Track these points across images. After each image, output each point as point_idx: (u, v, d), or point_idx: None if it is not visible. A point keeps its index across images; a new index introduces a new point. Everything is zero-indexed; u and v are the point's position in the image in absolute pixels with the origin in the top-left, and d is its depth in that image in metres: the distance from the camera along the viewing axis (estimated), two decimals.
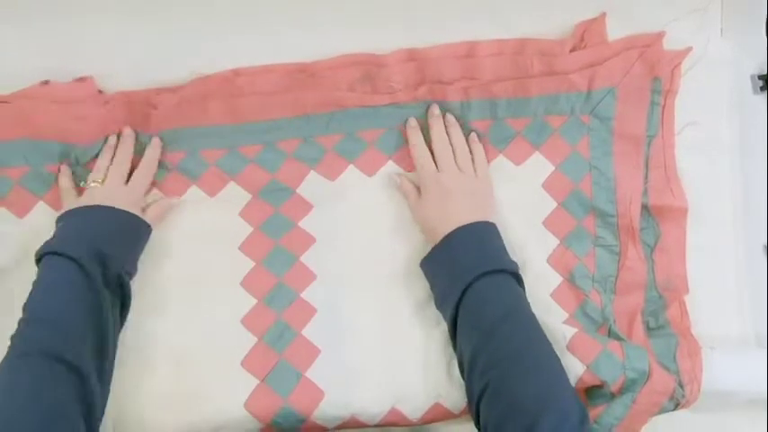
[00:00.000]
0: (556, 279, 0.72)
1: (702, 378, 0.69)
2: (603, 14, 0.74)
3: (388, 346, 0.70)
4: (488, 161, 0.74)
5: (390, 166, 0.74)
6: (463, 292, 0.62)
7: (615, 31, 0.75)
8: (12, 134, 0.72)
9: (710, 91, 0.75)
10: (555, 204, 0.73)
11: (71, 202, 0.69)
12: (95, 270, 0.61)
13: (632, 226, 0.72)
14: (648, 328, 0.72)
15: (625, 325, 0.71)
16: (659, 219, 0.74)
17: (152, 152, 0.72)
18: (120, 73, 0.74)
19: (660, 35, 0.73)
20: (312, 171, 0.74)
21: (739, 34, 0.75)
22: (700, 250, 0.74)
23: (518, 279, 0.65)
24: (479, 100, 0.73)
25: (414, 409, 0.69)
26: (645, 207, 0.74)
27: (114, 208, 0.66)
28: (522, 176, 0.74)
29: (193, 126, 0.73)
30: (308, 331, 0.70)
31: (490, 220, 0.67)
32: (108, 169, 0.71)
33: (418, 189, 0.71)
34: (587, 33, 0.75)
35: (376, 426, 0.70)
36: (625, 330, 0.71)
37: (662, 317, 0.72)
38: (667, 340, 0.70)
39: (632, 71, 0.73)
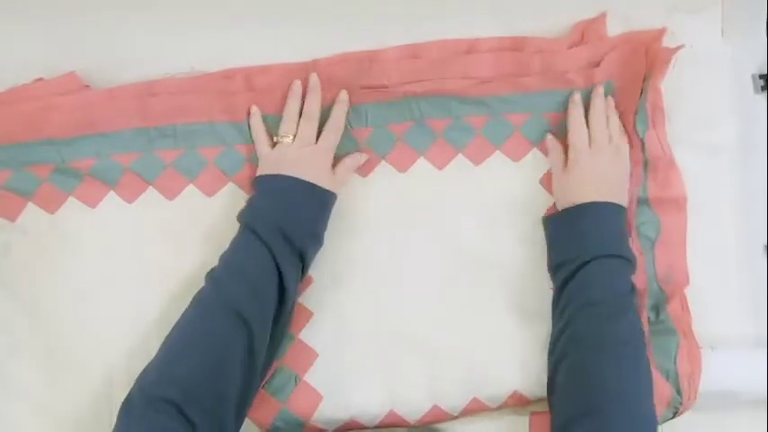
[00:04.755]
0: None
1: (700, 382, 0.69)
2: (604, 14, 0.74)
3: (387, 347, 0.70)
4: (484, 158, 0.73)
5: (384, 167, 0.73)
6: (581, 266, 0.65)
7: (615, 31, 0.74)
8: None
9: (711, 90, 0.75)
10: (552, 201, 0.73)
11: (265, 155, 0.69)
12: (282, 250, 0.64)
13: (629, 220, 0.72)
14: (649, 323, 0.71)
15: None
16: (659, 211, 0.74)
17: (339, 109, 0.71)
18: (118, 69, 0.72)
19: (661, 32, 0.73)
20: None
21: (740, 34, 0.75)
22: (700, 250, 0.74)
23: (633, 267, 0.67)
24: (477, 96, 0.73)
25: (412, 410, 0.69)
26: (646, 201, 0.73)
27: (303, 182, 0.66)
28: (520, 173, 0.73)
29: (190, 123, 0.72)
30: (306, 335, 0.69)
31: (623, 203, 0.69)
32: (298, 123, 0.69)
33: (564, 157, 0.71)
34: (587, 32, 0.74)
35: (375, 427, 0.70)
36: None
37: (662, 312, 0.72)
38: (668, 340, 0.70)
39: (629, 66, 0.73)
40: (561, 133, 0.73)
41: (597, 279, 0.65)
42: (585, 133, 0.71)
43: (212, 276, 0.64)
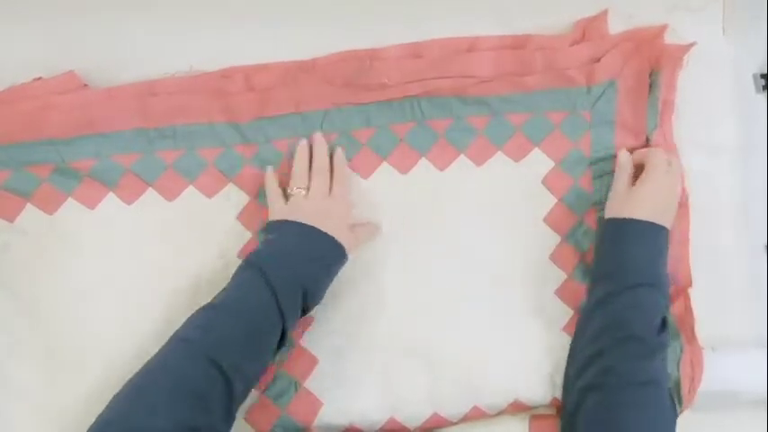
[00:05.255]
0: (560, 276, 0.72)
1: (699, 384, 0.69)
2: (605, 12, 0.74)
3: (387, 353, 0.70)
4: (486, 159, 0.73)
5: (385, 168, 0.73)
6: (629, 288, 0.64)
7: (616, 29, 0.74)
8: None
9: (711, 90, 0.75)
10: (555, 201, 0.73)
11: (278, 208, 0.68)
12: (289, 304, 0.62)
13: None
14: None
15: None
16: None
17: (340, 161, 0.71)
18: (117, 69, 0.72)
19: (662, 28, 0.73)
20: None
21: (741, 33, 0.75)
22: (700, 250, 0.73)
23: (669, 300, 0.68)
24: (476, 96, 0.72)
25: (412, 417, 0.69)
26: None
27: (326, 234, 0.65)
28: (522, 173, 0.73)
29: (189, 123, 0.71)
30: (306, 341, 0.69)
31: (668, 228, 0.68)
32: (309, 177, 0.69)
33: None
34: (588, 30, 0.74)
35: None
36: None
37: (666, 313, 0.72)
38: (673, 345, 0.70)
39: (632, 64, 0.73)
40: (565, 133, 0.73)
41: (641, 313, 0.64)
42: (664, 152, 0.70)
43: (207, 313, 0.61)
